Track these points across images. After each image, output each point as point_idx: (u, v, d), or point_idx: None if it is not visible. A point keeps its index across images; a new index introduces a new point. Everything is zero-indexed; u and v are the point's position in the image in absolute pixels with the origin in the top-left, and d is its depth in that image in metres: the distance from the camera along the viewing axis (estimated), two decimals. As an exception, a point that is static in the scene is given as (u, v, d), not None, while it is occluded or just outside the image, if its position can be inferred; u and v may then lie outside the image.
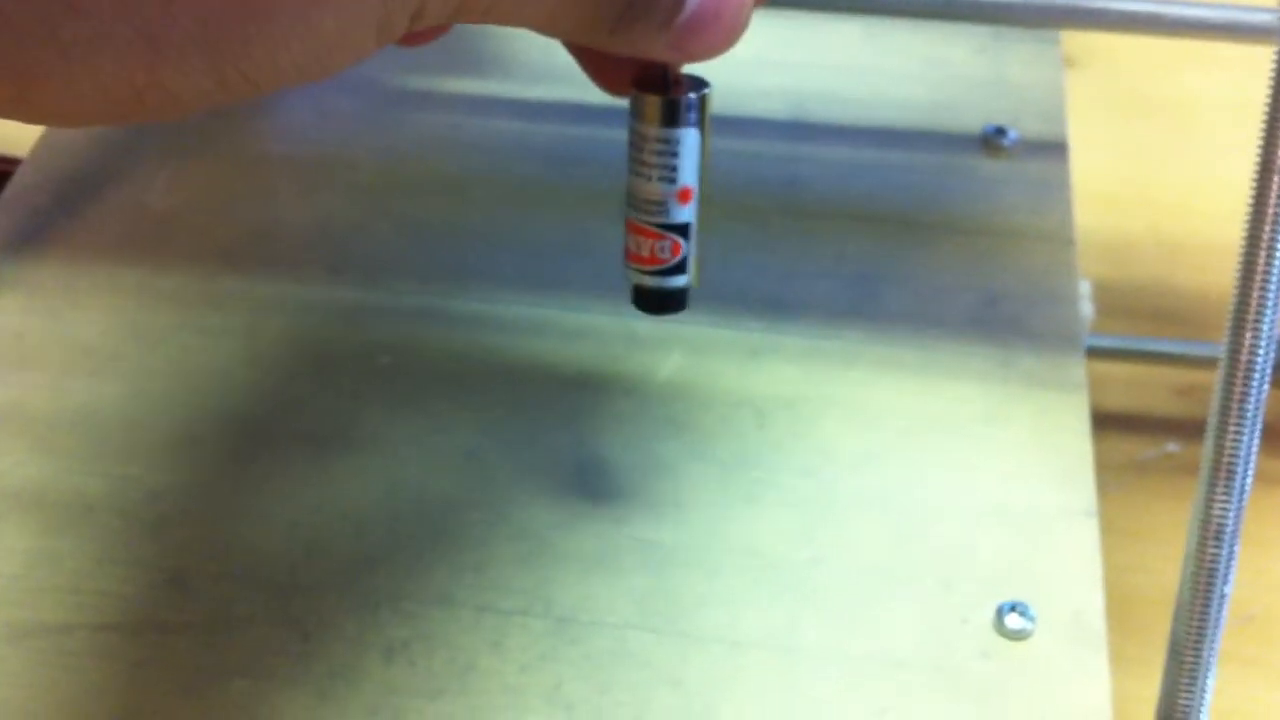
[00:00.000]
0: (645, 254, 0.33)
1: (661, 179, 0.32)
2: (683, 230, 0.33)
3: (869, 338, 0.47)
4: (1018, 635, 0.39)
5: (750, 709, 0.37)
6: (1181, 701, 0.37)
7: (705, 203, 0.33)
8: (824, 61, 0.56)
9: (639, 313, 0.34)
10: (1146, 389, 0.64)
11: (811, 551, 0.41)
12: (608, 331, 0.47)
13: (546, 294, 0.48)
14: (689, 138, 0.32)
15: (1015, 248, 0.49)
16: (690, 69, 0.32)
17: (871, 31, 0.58)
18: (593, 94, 0.32)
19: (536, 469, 0.43)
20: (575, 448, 0.44)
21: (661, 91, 0.32)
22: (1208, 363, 0.61)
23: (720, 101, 0.32)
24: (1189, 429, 0.62)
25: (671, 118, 0.32)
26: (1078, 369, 0.46)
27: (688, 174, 0.32)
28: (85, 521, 0.41)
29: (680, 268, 0.34)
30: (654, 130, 0.32)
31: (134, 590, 0.40)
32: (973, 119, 0.54)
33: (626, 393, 0.45)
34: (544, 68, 0.56)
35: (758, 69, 0.56)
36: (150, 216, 0.50)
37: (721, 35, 0.28)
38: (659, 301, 0.34)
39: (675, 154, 0.32)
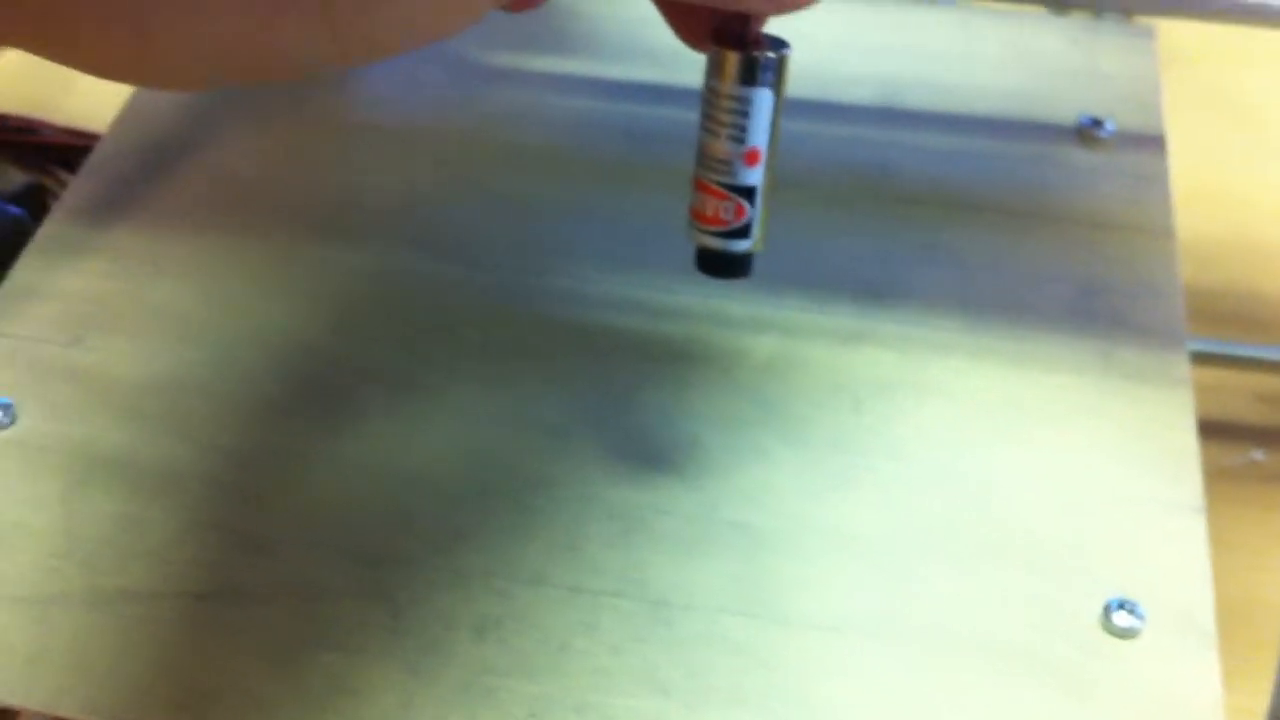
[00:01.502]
0: (709, 213, 0.33)
1: (731, 138, 0.32)
2: (748, 193, 0.33)
3: (965, 326, 0.46)
4: (1126, 633, 0.38)
5: (845, 695, 0.36)
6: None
7: (798, 184, 0.32)
8: (916, 48, 0.55)
9: (728, 294, 0.34)
10: (1231, 395, 0.63)
11: (909, 539, 0.40)
12: (697, 312, 0.46)
13: (633, 272, 0.47)
14: (762, 97, 0.32)
15: (1114, 239, 0.48)
16: (772, 29, 0.32)
17: (964, 19, 0.57)
18: (677, 74, 0.32)
19: (627, 449, 0.42)
20: (667, 428, 0.43)
21: (739, 48, 0.31)
22: (1297, 367, 0.59)
23: (812, 85, 0.32)
24: (1275, 437, 0.61)
25: (747, 75, 0.31)
26: (1181, 364, 0.44)
27: (757, 135, 0.32)
28: (173, 488, 0.41)
29: (744, 231, 0.33)
30: (728, 87, 0.31)
31: (222, 558, 0.39)
32: (1068, 110, 0.53)
33: (719, 375, 0.44)
34: (628, 47, 0.55)
35: (849, 54, 0.55)
36: (235, 184, 0.50)
37: None
38: (721, 264, 0.34)
39: (746, 113, 0.32)
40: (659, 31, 0.33)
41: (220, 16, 0.21)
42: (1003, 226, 0.49)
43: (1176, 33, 0.61)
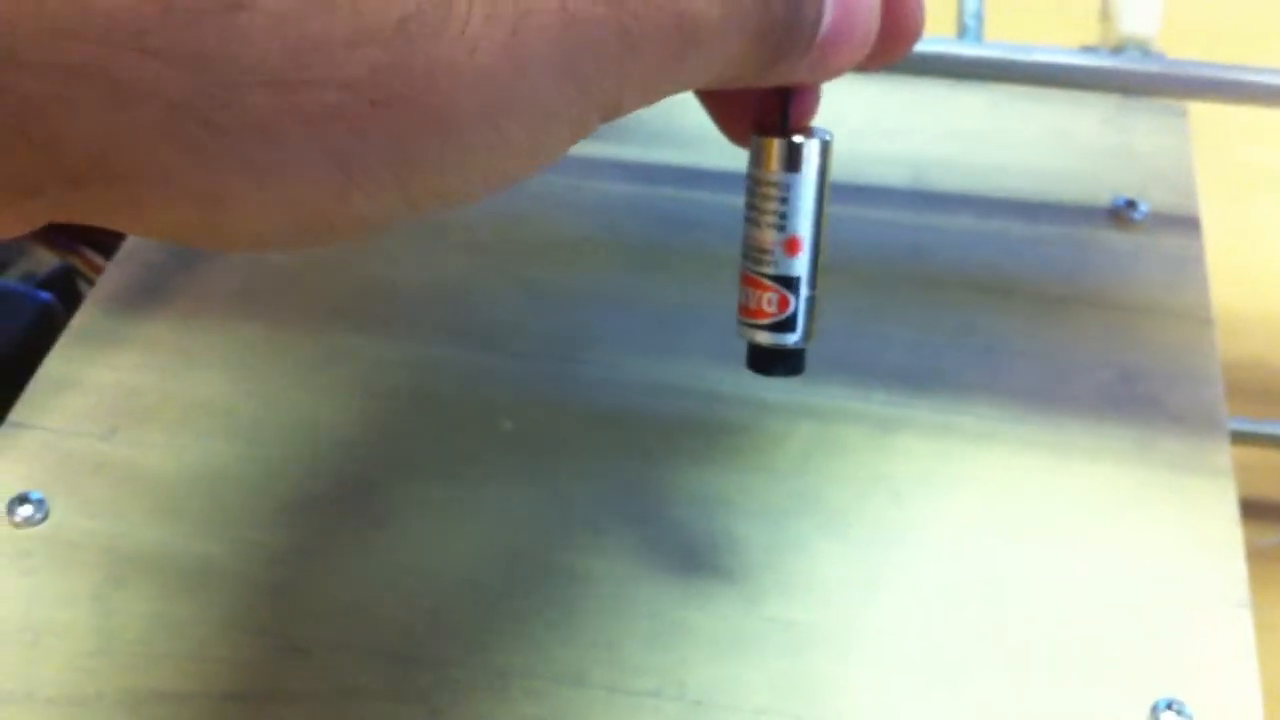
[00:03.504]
0: (753, 306, 0.32)
1: (773, 226, 0.31)
2: (790, 283, 0.32)
3: (1002, 414, 0.45)
4: (1175, 734, 0.37)
5: (895, 803, 0.36)
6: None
7: (828, 268, 0.32)
8: (946, 130, 0.55)
9: (764, 382, 0.33)
10: (1264, 473, 0.62)
11: (953, 638, 0.39)
12: (733, 400, 0.45)
13: (669, 360, 0.47)
14: (802, 184, 0.31)
15: (1151, 324, 0.48)
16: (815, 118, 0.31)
17: (994, 100, 0.57)
18: (709, 158, 0.31)
19: (664, 543, 0.42)
20: (703, 521, 0.42)
21: (781, 134, 0.31)
22: (1333, 445, 0.59)
23: (843, 167, 0.31)
24: (1310, 515, 0.60)
25: (788, 161, 0.31)
26: (1222, 453, 0.44)
27: (799, 223, 0.31)
28: (205, 586, 0.40)
29: (789, 324, 0.32)
30: (769, 174, 0.31)
31: (255, 658, 0.39)
32: (1101, 191, 0.53)
33: (755, 466, 0.44)
34: (660, 130, 0.55)
35: (880, 136, 0.55)
36: (266, 272, 0.50)
37: (857, 45, 0.28)
38: (769, 360, 0.33)
39: (786, 199, 0.31)
40: (691, 114, 0.32)
41: (296, 188, 0.21)
42: (1038, 311, 0.49)
43: (1204, 107, 0.61)
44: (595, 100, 0.23)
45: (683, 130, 0.55)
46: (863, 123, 0.55)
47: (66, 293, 0.58)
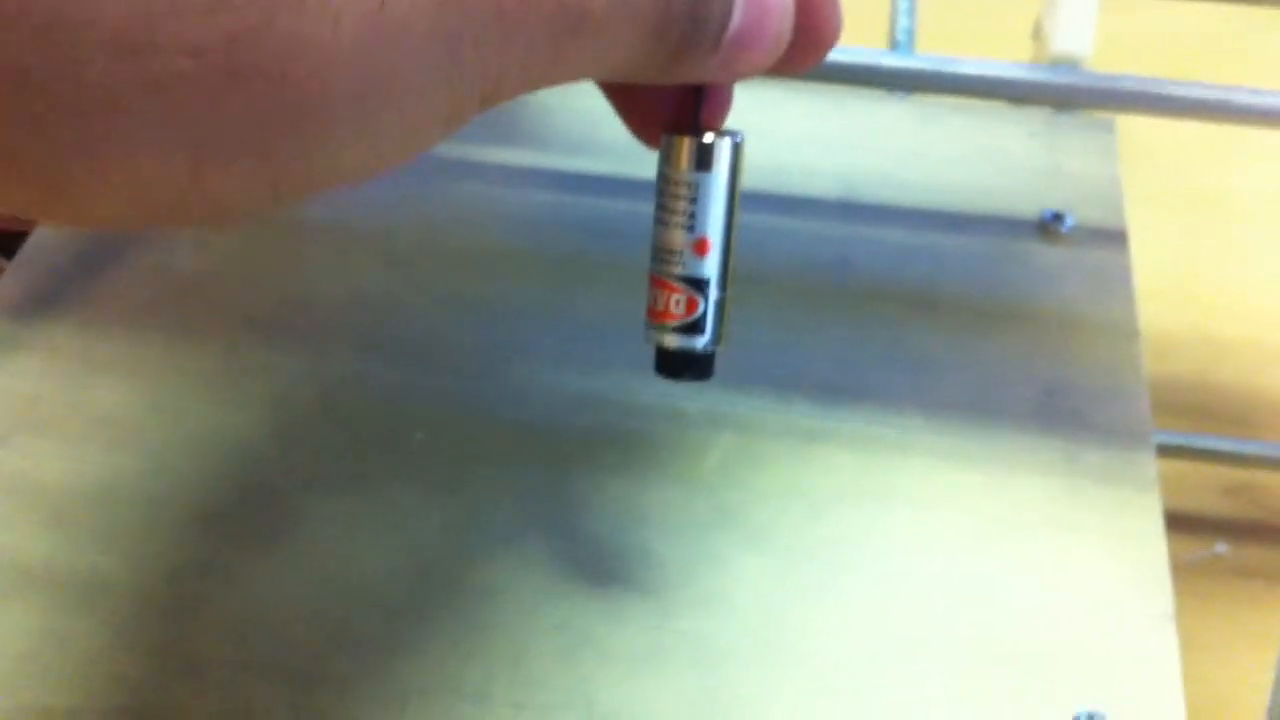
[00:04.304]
0: (660, 308, 0.31)
1: (682, 226, 0.31)
2: (700, 285, 0.31)
3: (926, 426, 0.44)
4: (1096, 750, 0.36)
5: (809, 824, 0.35)
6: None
7: (754, 279, 0.31)
8: (874, 143, 0.55)
9: (683, 392, 0.33)
10: (1193, 488, 0.62)
11: (872, 654, 0.38)
12: (653, 412, 0.44)
13: (589, 372, 0.46)
14: (712, 183, 0.30)
15: (1077, 338, 0.47)
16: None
17: (922, 113, 0.56)
18: (631, 167, 0.31)
19: (578, 557, 0.40)
20: (619, 536, 0.41)
21: (692, 133, 0.30)
22: (1261, 462, 0.58)
23: (769, 178, 0.30)
24: (1238, 530, 0.60)
25: (700, 160, 0.30)
26: (1148, 465, 0.43)
27: (708, 224, 0.31)
28: (98, 602, 0.39)
29: (698, 326, 0.32)
30: (678, 173, 0.30)
31: (147, 676, 0.37)
32: (1028, 205, 0.52)
33: (674, 478, 0.43)
34: (582, 140, 0.54)
35: (807, 148, 0.54)
36: (175, 281, 0.48)
37: (767, 46, 0.27)
38: (677, 364, 0.32)
39: (696, 199, 0.30)
40: (614, 123, 0.32)
41: (143, 167, 0.20)
42: (964, 324, 0.48)
43: (1136, 127, 0.61)
44: (472, 83, 0.22)
45: (608, 140, 0.54)
46: (793, 134, 0.55)
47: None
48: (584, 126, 0.55)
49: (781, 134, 0.54)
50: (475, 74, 0.22)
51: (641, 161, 0.33)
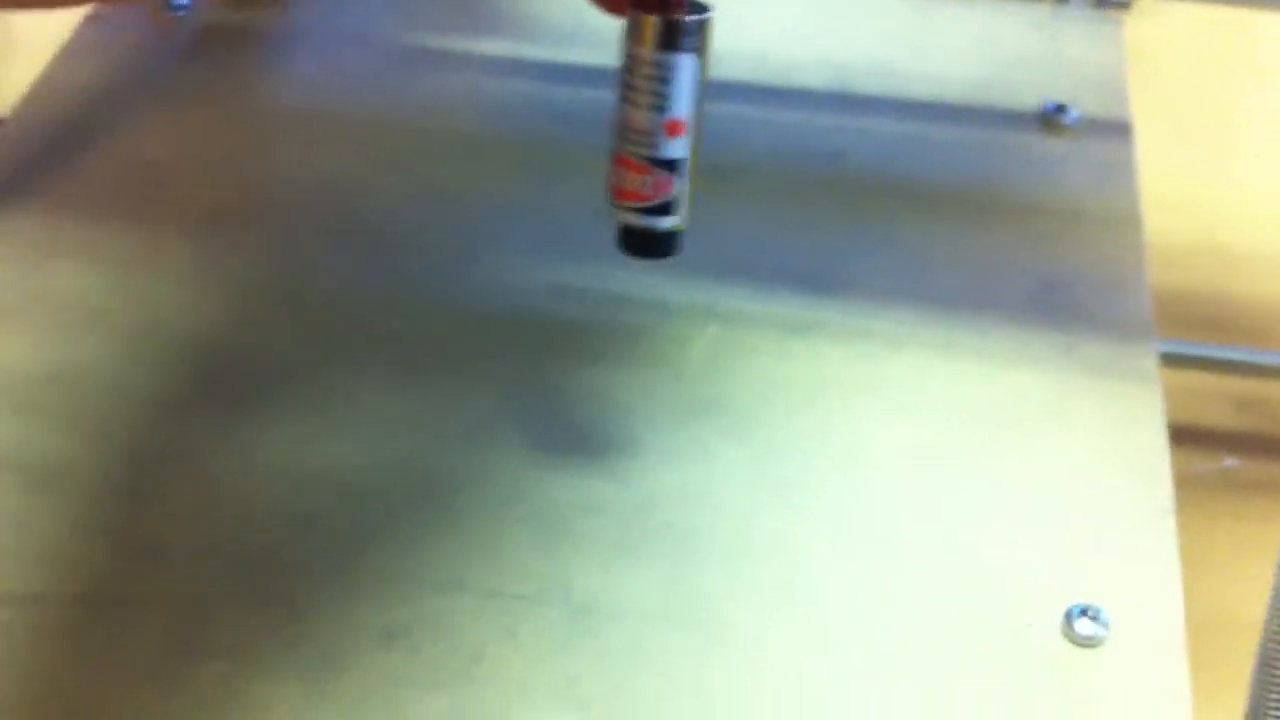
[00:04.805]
0: (629, 189, 0.31)
1: (652, 107, 0.30)
2: (672, 165, 0.31)
3: (919, 319, 0.43)
4: (1089, 642, 0.35)
5: (781, 716, 0.33)
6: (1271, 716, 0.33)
7: (743, 170, 0.31)
8: (871, 33, 0.53)
9: (669, 283, 0.32)
10: (1203, 400, 0.60)
11: (854, 548, 0.37)
12: (636, 301, 0.43)
13: (568, 261, 0.44)
14: (684, 64, 0.29)
15: (1078, 230, 0.46)
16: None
17: (921, 4, 0.54)
18: (608, 55, 0.30)
19: (556, 446, 0.39)
20: (599, 424, 0.40)
21: (659, 10, 0.29)
22: (1274, 373, 0.57)
23: (760, 70, 0.30)
24: (1248, 444, 0.58)
25: (668, 40, 0.29)
26: (1148, 358, 0.42)
27: (681, 104, 0.30)
28: (60, 485, 0.37)
29: (667, 207, 0.31)
30: (647, 53, 0.29)
31: (107, 560, 0.36)
32: (1030, 97, 0.50)
33: (656, 368, 0.41)
34: (562, 28, 0.53)
35: (799, 39, 0.52)
36: (142, 168, 0.47)
37: None
38: (645, 243, 0.32)
39: (667, 80, 0.30)
40: (591, 11, 0.30)
41: None
42: (961, 217, 0.46)
43: (1144, 32, 0.59)
44: None
45: (582, 27, 0.52)
46: (783, 25, 0.53)
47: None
48: (561, 13, 0.53)
49: (771, 24, 0.53)
50: None
51: (616, 50, 0.32)
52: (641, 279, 0.43)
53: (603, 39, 0.51)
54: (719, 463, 0.39)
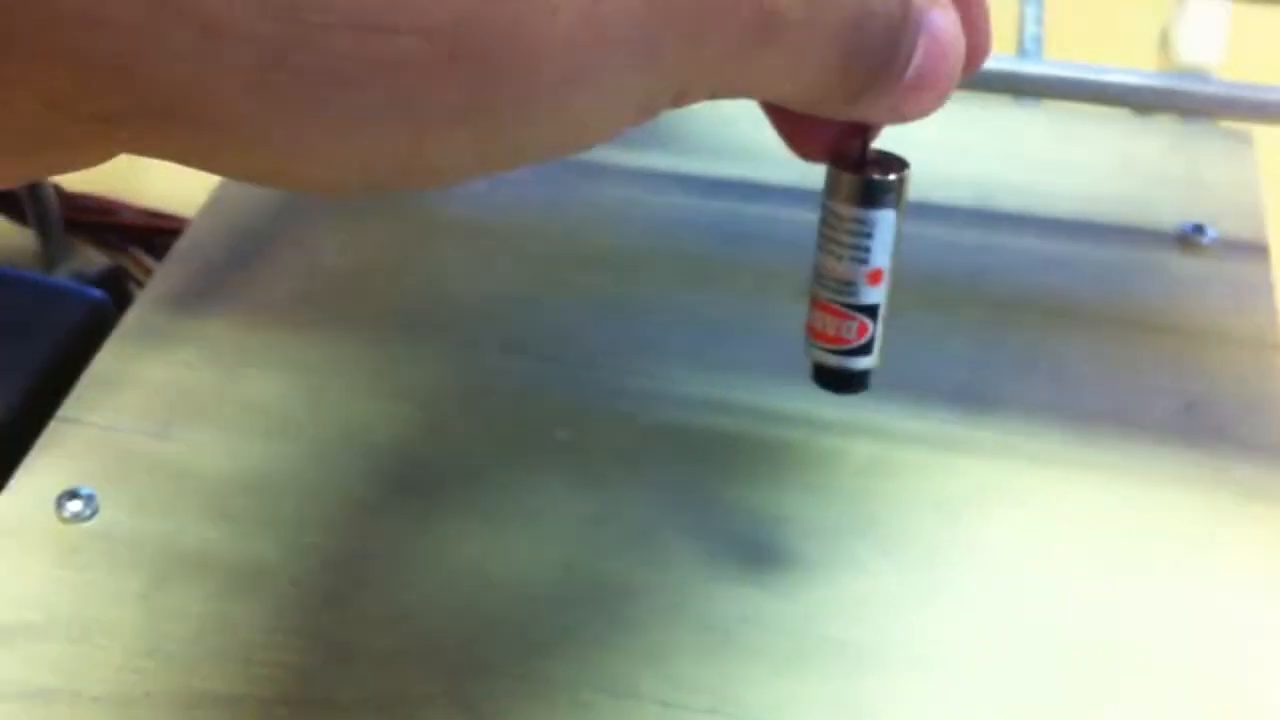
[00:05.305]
0: (830, 332, 0.32)
1: (853, 259, 0.31)
2: (871, 311, 0.32)
3: (1064, 437, 0.44)
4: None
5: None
6: None
7: (893, 286, 0.32)
8: (1009, 150, 0.55)
9: (821, 397, 0.33)
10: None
11: (1016, 662, 0.38)
12: (790, 416, 0.45)
13: (725, 374, 0.46)
14: (885, 220, 0.31)
15: (1218, 351, 0.47)
16: (886, 142, 0.31)
17: (1055, 120, 0.56)
18: (766, 171, 0.31)
19: (718, 557, 0.41)
20: (759, 536, 0.42)
21: (858, 169, 0.30)
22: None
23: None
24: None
25: (869, 198, 0.30)
26: (1295, 481, 0.43)
27: (881, 255, 0.31)
28: (256, 588, 0.40)
29: (866, 349, 0.32)
30: (849, 210, 0.31)
31: (306, 662, 0.38)
32: (1167, 216, 0.52)
33: (813, 481, 0.43)
34: (717, 143, 0.55)
35: (944, 155, 0.54)
36: (324, 276, 0.49)
37: (938, 94, 0.27)
38: (841, 381, 0.33)
39: (870, 235, 0.31)
40: (748, 128, 0.32)
41: (371, 137, 0.21)
42: (1102, 335, 0.48)
43: (1273, 143, 0.60)
44: (666, 82, 0.23)
45: (741, 144, 0.54)
46: (926, 140, 0.55)
47: (117, 292, 0.58)
48: (718, 130, 0.55)
49: (915, 138, 0.54)
50: (670, 72, 0.23)
51: (777, 167, 0.33)
52: (795, 393, 0.45)
53: (750, 153, 0.54)
54: (875, 576, 0.41)
